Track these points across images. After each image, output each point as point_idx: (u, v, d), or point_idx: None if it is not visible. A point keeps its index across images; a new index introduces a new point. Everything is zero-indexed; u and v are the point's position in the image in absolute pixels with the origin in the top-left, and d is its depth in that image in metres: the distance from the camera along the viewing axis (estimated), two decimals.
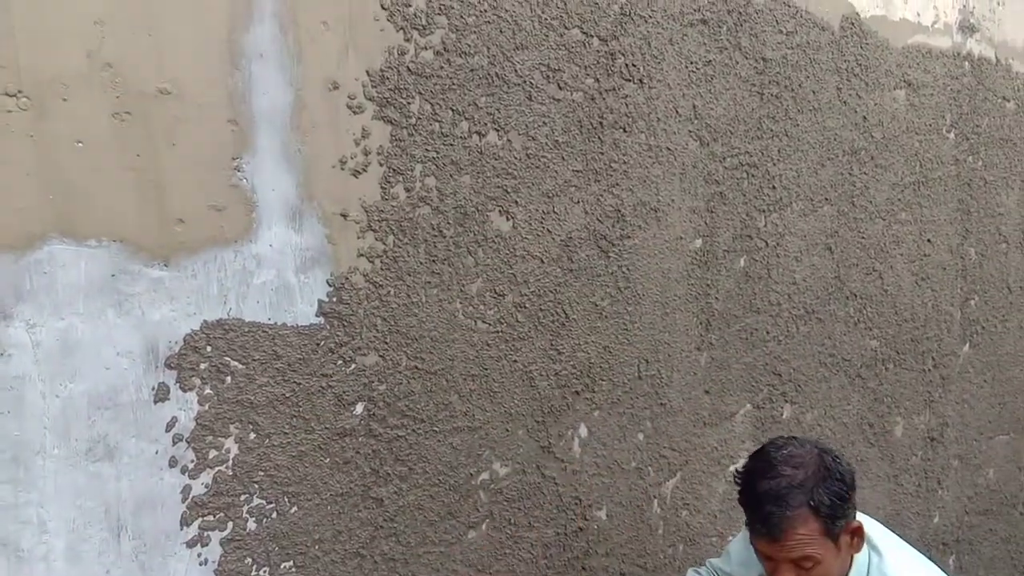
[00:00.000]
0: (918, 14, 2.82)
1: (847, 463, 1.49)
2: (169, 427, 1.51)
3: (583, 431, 2.14)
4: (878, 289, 2.84)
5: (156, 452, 1.50)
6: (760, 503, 1.43)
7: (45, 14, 1.32)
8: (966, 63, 3.02)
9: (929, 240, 2.99)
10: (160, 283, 1.47)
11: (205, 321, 1.53)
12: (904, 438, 3.02)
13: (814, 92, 2.53)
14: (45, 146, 1.34)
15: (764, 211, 2.46)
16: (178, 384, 1.51)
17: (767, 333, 2.53)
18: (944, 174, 3.00)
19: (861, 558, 1.51)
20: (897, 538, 1.61)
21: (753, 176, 2.42)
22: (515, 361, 1.98)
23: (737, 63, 2.32)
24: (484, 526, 1.98)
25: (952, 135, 3.01)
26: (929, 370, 3.08)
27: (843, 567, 1.48)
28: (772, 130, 2.45)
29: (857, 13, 2.61)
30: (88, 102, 1.37)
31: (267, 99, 1.54)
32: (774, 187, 2.48)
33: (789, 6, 2.42)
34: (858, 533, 1.48)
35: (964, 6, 2.98)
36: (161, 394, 1.50)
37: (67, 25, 1.34)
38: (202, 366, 1.53)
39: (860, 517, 1.55)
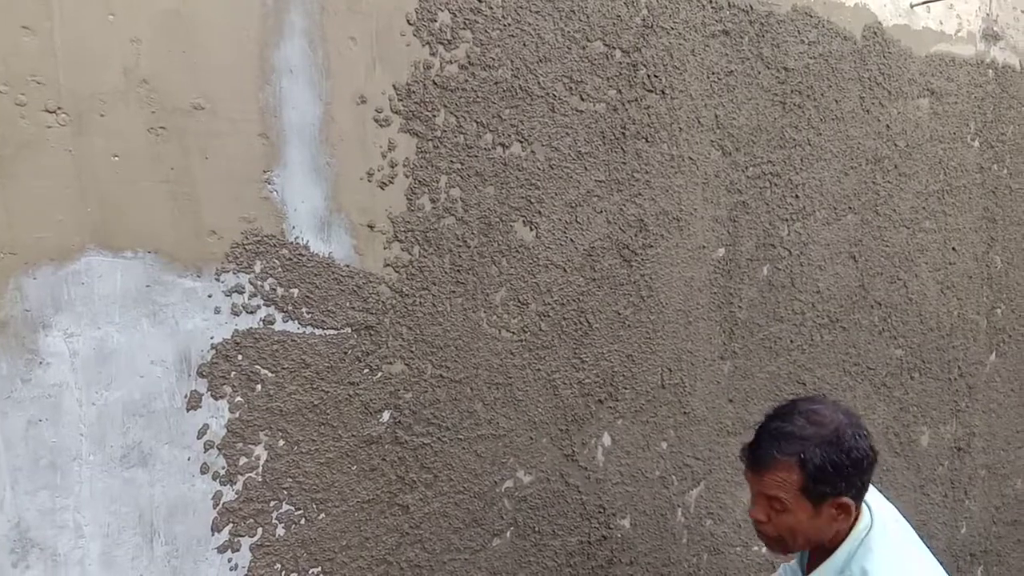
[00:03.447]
0: (941, 23, 2.81)
1: (868, 447, 1.47)
2: (201, 434, 1.54)
3: (607, 439, 2.15)
4: (903, 298, 2.83)
5: (188, 459, 1.54)
6: (760, 436, 1.50)
7: (85, 33, 1.36)
8: (990, 71, 3.01)
9: (954, 248, 2.98)
10: (193, 293, 1.51)
11: (236, 330, 1.56)
12: (930, 448, 3.00)
13: (837, 101, 2.54)
14: (83, 160, 1.38)
15: (787, 220, 2.47)
16: (210, 392, 1.54)
17: (791, 342, 2.53)
18: (969, 182, 2.98)
19: (848, 545, 1.49)
20: (912, 545, 1.55)
21: (776, 185, 2.42)
22: (539, 370, 2.00)
23: (759, 73, 2.33)
24: (508, 534, 1.99)
25: (977, 143, 2.99)
26: (955, 379, 3.05)
27: (820, 532, 1.48)
28: (795, 139, 2.45)
29: (879, 22, 2.61)
30: (125, 117, 1.41)
31: (297, 113, 1.58)
32: (797, 196, 2.48)
33: (811, 16, 2.42)
34: (844, 510, 1.46)
35: (988, 14, 2.97)
36: (193, 402, 1.53)
37: (105, 44, 1.38)
38: (233, 374, 1.57)
39: (881, 510, 1.53)
